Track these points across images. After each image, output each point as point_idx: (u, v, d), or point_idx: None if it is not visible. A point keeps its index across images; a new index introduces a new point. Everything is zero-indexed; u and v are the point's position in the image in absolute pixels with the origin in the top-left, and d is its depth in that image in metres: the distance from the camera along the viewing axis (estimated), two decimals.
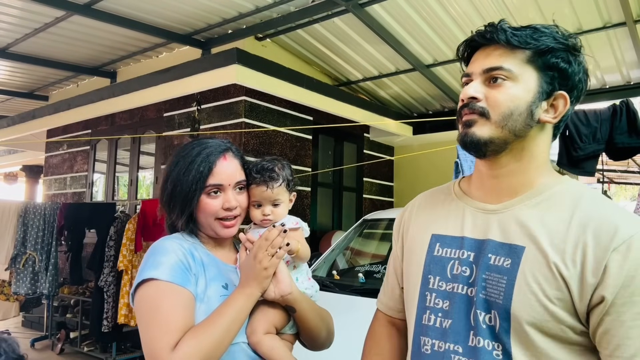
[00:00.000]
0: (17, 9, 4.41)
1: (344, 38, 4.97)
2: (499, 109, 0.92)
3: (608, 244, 0.82)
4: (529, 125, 0.93)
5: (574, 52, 0.94)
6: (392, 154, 6.97)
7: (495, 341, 0.88)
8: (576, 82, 0.95)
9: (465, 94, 0.95)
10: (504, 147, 0.94)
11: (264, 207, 1.25)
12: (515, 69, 0.92)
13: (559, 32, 0.95)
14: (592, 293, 0.82)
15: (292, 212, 1.32)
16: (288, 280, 1.17)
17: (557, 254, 0.85)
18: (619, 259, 0.81)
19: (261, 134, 4.87)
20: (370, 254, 4.10)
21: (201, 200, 1.19)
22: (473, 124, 0.94)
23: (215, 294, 1.16)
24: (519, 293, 0.86)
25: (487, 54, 0.95)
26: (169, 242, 1.17)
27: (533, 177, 0.96)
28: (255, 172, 1.26)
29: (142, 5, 4.33)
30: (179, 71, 4.43)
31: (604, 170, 8.57)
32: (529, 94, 0.92)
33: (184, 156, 1.23)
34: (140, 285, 1.10)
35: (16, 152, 9.14)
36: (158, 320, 1.04)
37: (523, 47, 0.92)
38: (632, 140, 3.64)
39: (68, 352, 5.34)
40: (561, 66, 0.92)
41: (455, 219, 1.02)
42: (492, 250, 0.92)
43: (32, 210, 5.30)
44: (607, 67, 4.95)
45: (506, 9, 4.14)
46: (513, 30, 0.93)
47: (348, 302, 2.93)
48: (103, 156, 6.45)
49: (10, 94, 7.10)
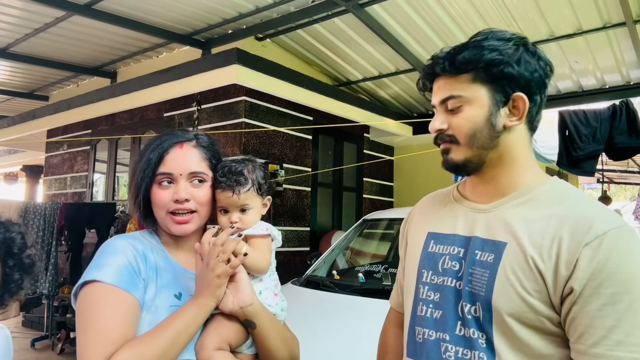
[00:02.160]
0: (17, 9, 4.41)
1: (344, 38, 4.98)
2: (462, 133, 0.99)
3: (581, 239, 0.87)
4: (495, 136, 0.98)
5: (515, 53, 0.96)
6: (392, 154, 6.98)
7: (480, 331, 0.94)
8: (529, 78, 0.97)
9: (432, 127, 1.03)
10: (481, 162, 1.00)
11: (231, 214, 1.14)
12: (465, 93, 0.97)
13: (498, 40, 0.97)
14: (564, 285, 0.87)
15: (292, 212, 1.29)
16: (249, 290, 1.07)
17: (535, 248, 0.90)
18: (590, 253, 0.85)
19: (261, 134, 4.87)
20: (370, 254, 4.10)
21: (152, 191, 1.10)
22: (449, 151, 1.02)
23: (165, 303, 1.05)
24: (499, 286, 0.92)
25: (439, 86, 1.02)
26: (120, 241, 1.08)
27: (517, 178, 1.01)
28: (221, 175, 1.13)
29: (142, 5, 4.33)
30: (179, 71, 4.43)
31: (604, 170, 8.57)
32: (483, 109, 0.97)
33: (146, 146, 1.15)
34: (83, 287, 1.01)
35: (16, 152, 9.15)
36: (94, 327, 0.96)
37: (463, 72, 0.97)
38: (631, 140, 3.64)
39: (68, 352, 5.34)
40: (506, 72, 0.95)
41: (450, 218, 1.09)
42: (478, 247, 0.99)
43: (32, 210, 5.30)
44: (607, 67, 4.96)
45: (506, 9, 4.14)
46: (450, 59, 0.98)
47: (348, 302, 2.94)
48: (103, 156, 6.46)
49: (11, 94, 7.11)
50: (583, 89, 5.50)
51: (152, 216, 1.14)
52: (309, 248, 5.33)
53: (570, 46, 4.63)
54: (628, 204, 16.51)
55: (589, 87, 5.46)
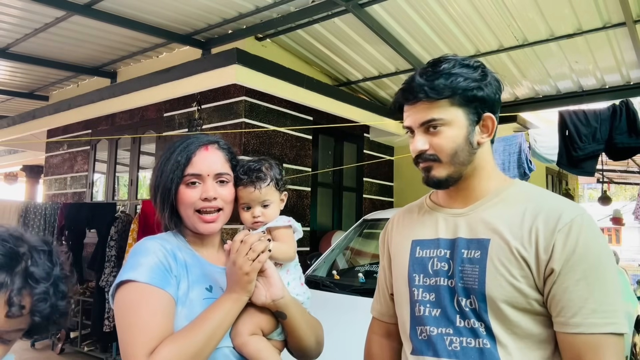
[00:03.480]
0: (17, 9, 4.41)
1: (344, 38, 4.98)
2: (444, 152, 1.09)
3: (554, 227, 1.00)
4: (473, 152, 1.10)
5: (483, 79, 1.09)
6: (392, 154, 6.98)
7: (478, 320, 1.04)
8: (493, 98, 1.10)
9: (414, 149, 1.13)
10: (460, 176, 1.12)
11: (254, 209, 1.22)
12: (445, 115, 1.08)
13: (465, 67, 1.08)
14: (545, 267, 0.99)
15: (292, 212, 1.33)
16: (280, 284, 1.15)
17: (517, 240, 1.02)
18: (563, 237, 0.99)
19: (261, 134, 4.87)
20: (370, 254, 4.10)
21: (180, 191, 1.16)
22: (431, 169, 1.12)
23: (198, 297, 1.12)
24: (491, 277, 1.02)
25: (417, 110, 1.11)
26: (150, 242, 1.13)
27: (487, 184, 1.14)
28: (242, 174, 1.22)
29: (142, 5, 4.33)
30: (179, 71, 4.43)
31: (604, 170, 8.57)
32: (462, 130, 1.09)
33: (169, 148, 1.21)
34: (119, 287, 1.07)
35: (16, 152, 9.14)
36: (135, 324, 1.01)
37: (442, 98, 1.06)
38: (631, 140, 3.64)
39: (68, 352, 5.34)
40: (478, 96, 1.07)
41: (430, 225, 1.19)
42: (464, 246, 1.09)
43: (32, 210, 5.31)
44: (607, 67, 4.96)
45: (506, 9, 4.14)
46: (429, 85, 1.06)
47: (348, 302, 2.94)
48: (103, 156, 6.46)
49: (11, 94, 7.11)
50: (583, 89, 5.49)
51: (176, 216, 1.19)
52: (309, 248, 5.33)
53: (570, 46, 4.63)
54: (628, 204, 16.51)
55: (589, 87, 5.45)
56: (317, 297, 3.03)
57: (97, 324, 4.69)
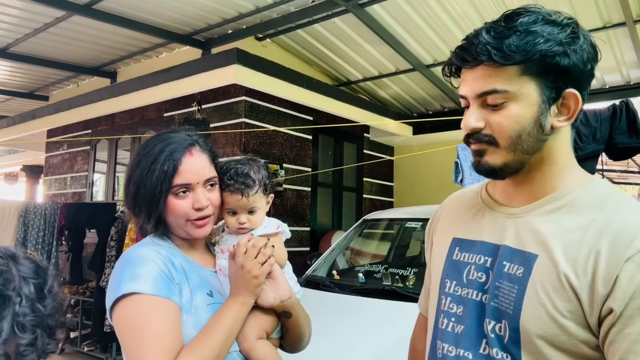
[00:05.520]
0: (17, 9, 4.41)
1: (344, 38, 4.98)
2: (505, 134, 0.86)
3: (622, 253, 0.76)
4: (542, 139, 0.86)
5: (572, 42, 0.82)
6: (392, 154, 6.98)
7: (504, 351, 0.84)
8: (581, 71, 0.84)
9: (466, 125, 0.89)
10: (521, 166, 0.89)
11: (240, 215, 1.17)
12: (511, 87, 0.83)
13: (549, 23, 0.83)
14: (602, 304, 0.76)
15: (292, 212, 1.31)
16: (287, 286, 1.15)
17: (569, 263, 0.80)
18: (632, 269, 0.75)
19: (261, 134, 4.87)
20: (370, 254, 4.10)
21: (169, 202, 1.09)
22: (484, 153, 0.89)
23: (202, 303, 1.09)
24: (529, 305, 0.82)
25: (476, 76, 0.86)
26: (145, 250, 1.08)
27: (555, 181, 0.89)
28: (229, 178, 1.15)
29: (142, 5, 4.33)
30: (179, 71, 4.43)
31: (604, 170, 8.57)
32: (532, 108, 0.84)
33: (146, 155, 1.11)
34: (120, 300, 1.01)
35: (16, 152, 9.14)
36: (148, 339, 0.96)
37: (510, 63, 0.82)
38: (631, 140, 3.64)
39: (68, 352, 5.34)
40: (562, 65, 0.82)
41: (476, 222, 0.98)
42: (507, 257, 0.88)
43: (32, 210, 5.30)
44: (607, 67, 4.95)
45: (506, 9, 4.14)
46: (495, 44, 0.82)
47: (348, 302, 2.94)
48: (103, 156, 6.46)
49: (11, 94, 7.11)
50: None
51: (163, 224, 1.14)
52: (309, 248, 5.33)
53: None
54: None
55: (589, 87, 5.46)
56: (317, 297, 3.05)
57: (97, 324, 4.69)
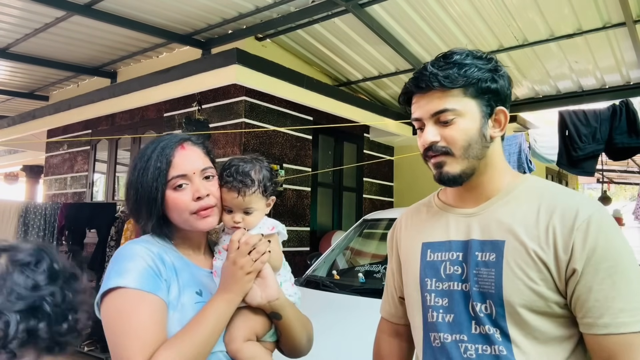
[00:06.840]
0: (17, 9, 4.41)
1: (344, 38, 4.98)
2: (458, 145, 1.04)
3: (572, 225, 0.96)
4: (486, 146, 1.06)
5: (497, 71, 1.06)
6: (392, 154, 6.98)
7: (494, 326, 1.00)
8: (506, 92, 1.07)
9: (425, 140, 1.06)
10: (473, 172, 1.07)
11: (235, 214, 1.15)
12: (458, 106, 1.03)
13: (478, 58, 1.05)
14: (566, 268, 0.95)
15: (292, 212, 1.30)
16: (276, 286, 1.13)
17: (533, 241, 0.98)
18: (581, 235, 0.95)
19: (261, 134, 4.87)
20: (370, 254, 4.10)
21: (167, 197, 1.10)
22: (443, 164, 1.06)
23: (190, 301, 1.08)
24: (508, 281, 0.98)
25: (428, 99, 1.06)
26: (135, 246, 1.08)
27: (498, 181, 1.10)
28: (228, 175, 1.14)
29: (142, 5, 4.33)
30: (179, 71, 4.43)
31: (604, 170, 8.57)
32: (476, 122, 1.04)
33: (141, 157, 1.13)
34: (107, 295, 1.02)
35: (16, 152, 9.14)
36: (129, 332, 0.97)
37: (456, 87, 1.02)
38: (631, 140, 3.64)
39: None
40: (492, 88, 1.04)
41: (441, 226, 1.14)
42: (477, 249, 1.04)
43: (32, 210, 5.30)
44: (607, 67, 4.96)
45: (506, 9, 4.14)
46: (442, 73, 1.02)
47: (348, 302, 2.94)
48: (103, 156, 6.46)
49: (11, 94, 7.11)
50: (583, 89, 5.50)
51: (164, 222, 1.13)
52: (309, 248, 5.33)
53: (570, 46, 4.63)
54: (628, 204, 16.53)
55: (589, 87, 5.46)
56: (317, 297, 3.05)
57: (97, 324, 4.69)
